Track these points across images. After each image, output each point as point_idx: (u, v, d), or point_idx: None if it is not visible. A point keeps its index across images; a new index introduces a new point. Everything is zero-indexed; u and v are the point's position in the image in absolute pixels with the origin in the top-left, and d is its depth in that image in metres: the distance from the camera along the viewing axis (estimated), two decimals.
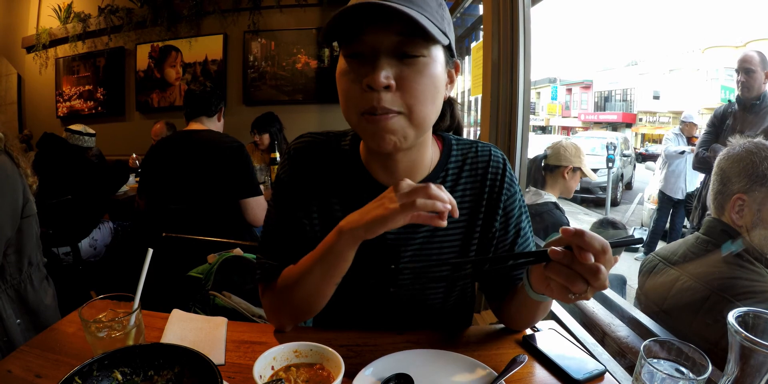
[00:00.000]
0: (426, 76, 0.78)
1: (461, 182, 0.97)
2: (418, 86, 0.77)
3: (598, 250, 0.65)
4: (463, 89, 3.01)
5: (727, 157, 1.18)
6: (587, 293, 0.68)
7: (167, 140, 2.39)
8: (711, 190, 1.20)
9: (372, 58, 0.76)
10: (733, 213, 1.14)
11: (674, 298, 1.19)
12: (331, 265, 0.84)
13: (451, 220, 0.96)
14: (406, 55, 0.76)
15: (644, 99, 25.50)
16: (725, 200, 1.16)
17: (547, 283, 0.73)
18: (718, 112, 2.69)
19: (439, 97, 0.82)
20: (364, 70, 0.76)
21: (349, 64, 0.79)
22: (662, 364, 0.64)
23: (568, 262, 0.67)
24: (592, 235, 0.66)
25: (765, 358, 0.52)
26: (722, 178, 1.18)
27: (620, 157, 8.73)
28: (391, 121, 0.78)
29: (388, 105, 0.76)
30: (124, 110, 5.21)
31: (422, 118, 0.80)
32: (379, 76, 0.74)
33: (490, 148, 1.00)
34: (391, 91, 0.76)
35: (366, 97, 0.76)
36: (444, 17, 0.82)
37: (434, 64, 0.79)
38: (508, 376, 0.81)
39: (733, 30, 51.32)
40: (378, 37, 0.75)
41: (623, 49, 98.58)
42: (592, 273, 0.65)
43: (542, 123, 33.48)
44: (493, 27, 1.84)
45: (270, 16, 4.74)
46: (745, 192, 1.11)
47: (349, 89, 0.79)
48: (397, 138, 0.80)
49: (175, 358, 0.66)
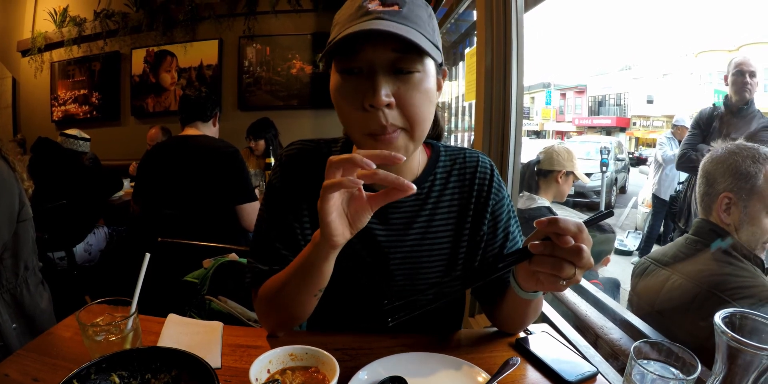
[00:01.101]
0: (421, 91, 0.79)
1: (449, 187, 0.99)
2: (416, 102, 0.78)
3: (574, 231, 0.67)
4: (457, 94, 3.03)
5: (711, 160, 1.21)
6: (576, 276, 0.69)
7: (162, 145, 2.39)
8: (697, 192, 1.23)
9: (369, 75, 0.77)
10: (720, 212, 1.16)
11: (665, 297, 1.21)
12: (307, 278, 0.82)
13: (440, 224, 0.97)
14: (402, 71, 0.77)
15: (638, 103, 25.62)
16: (712, 201, 1.19)
17: (535, 279, 0.74)
18: (703, 113, 2.71)
19: (433, 110, 0.84)
20: (362, 87, 0.77)
21: (344, 79, 0.79)
22: (652, 365, 0.65)
23: (550, 251, 0.68)
24: (565, 219, 0.67)
25: (752, 357, 0.53)
26: (708, 179, 1.21)
27: (614, 161, 8.76)
28: (398, 139, 0.79)
29: (393, 122, 0.77)
30: (119, 115, 5.21)
31: (421, 132, 0.82)
32: (380, 95, 0.74)
33: (478, 155, 1.03)
34: (391, 108, 0.77)
35: (370, 118, 0.77)
36: (434, 29, 0.83)
37: (428, 78, 0.80)
38: (500, 378, 0.82)
39: (726, 34, 51.73)
40: (374, 53, 0.76)
41: (617, 54, 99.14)
42: (575, 254, 0.67)
43: (536, 128, 33.56)
44: (487, 33, 1.85)
45: (265, 22, 4.76)
46: (731, 190, 1.14)
47: (349, 109, 0.79)
48: (402, 155, 0.81)
49: (172, 361, 0.66)
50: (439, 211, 0.98)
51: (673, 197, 3.35)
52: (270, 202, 0.98)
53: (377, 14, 0.75)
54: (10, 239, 1.36)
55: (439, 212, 0.98)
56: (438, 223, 0.98)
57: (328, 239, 0.73)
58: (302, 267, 0.82)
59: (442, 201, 0.98)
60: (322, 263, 0.79)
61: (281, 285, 0.87)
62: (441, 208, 0.98)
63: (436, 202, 0.98)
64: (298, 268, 0.83)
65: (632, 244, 4.87)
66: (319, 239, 0.75)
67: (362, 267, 0.96)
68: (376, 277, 0.97)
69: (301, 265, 0.82)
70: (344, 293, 0.98)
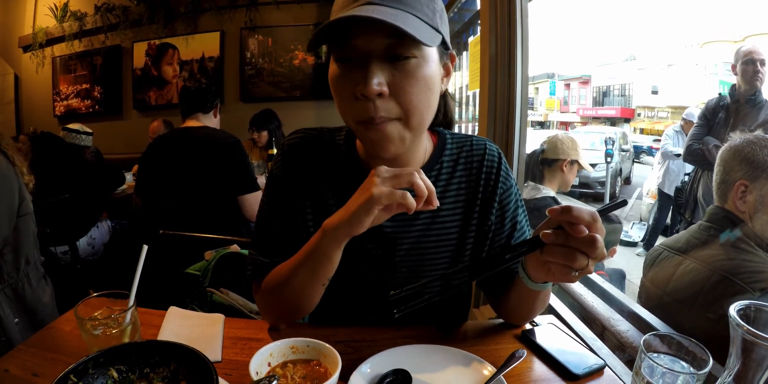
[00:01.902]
0: (418, 78, 0.76)
1: (456, 175, 0.97)
2: (412, 90, 0.76)
3: (588, 220, 0.65)
4: (461, 84, 3.00)
5: (729, 149, 1.22)
6: (589, 266, 0.67)
7: (164, 138, 2.39)
8: (714, 181, 1.24)
9: (363, 63, 0.74)
10: (736, 199, 1.17)
11: (678, 281, 1.22)
12: (317, 266, 0.81)
13: (447, 213, 0.95)
14: (398, 57, 0.74)
15: (642, 94, 25.51)
16: (728, 189, 1.20)
17: (546, 269, 0.73)
18: (710, 104, 2.69)
19: (433, 97, 0.81)
20: (355, 75, 0.75)
21: (340, 68, 0.78)
22: (662, 358, 0.63)
23: (563, 240, 0.67)
24: (578, 208, 0.66)
25: (767, 351, 0.51)
26: (725, 168, 1.22)
27: (619, 151, 8.72)
28: (389, 128, 0.77)
29: (384, 113, 0.75)
30: (122, 109, 5.20)
31: (418, 121, 0.79)
32: (371, 84, 0.72)
33: (485, 142, 1.00)
34: (384, 97, 0.75)
35: (361, 107, 0.75)
36: (435, 10, 0.79)
37: (427, 64, 0.77)
38: (506, 371, 0.80)
39: (732, 25, 51.30)
40: (367, 41, 0.73)
41: (622, 44, 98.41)
42: (590, 244, 0.65)
43: (541, 118, 33.48)
44: (491, 22, 1.82)
45: (267, 13, 4.73)
46: (747, 178, 1.16)
47: (342, 97, 0.78)
48: (395, 144, 0.79)
49: (171, 355, 0.65)
50: (446, 201, 0.95)
51: (678, 189, 3.31)
52: (272, 192, 0.97)
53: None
54: (10, 234, 1.35)
55: (446, 201, 0.95)
56: (445, 213, 0.95)
57: (352, 230, 0.74)
58: (311, 256, 0.82)
59: (449, 190, 0.96)
60: (334, 251, 0.79)
61: (288, 275, 0.86)
62: (448, 197, 0.96)
63: (443, 191, 0.95)
64: (307, 257, 0.82)
65: (637, 235, 4.86)
66: (335, 228, 0.76)
67: (367, 258, 0.95)
68: (381, 270, 0.96)
69: (310, 254, 0.82)
70: (348, 286, 0.97)
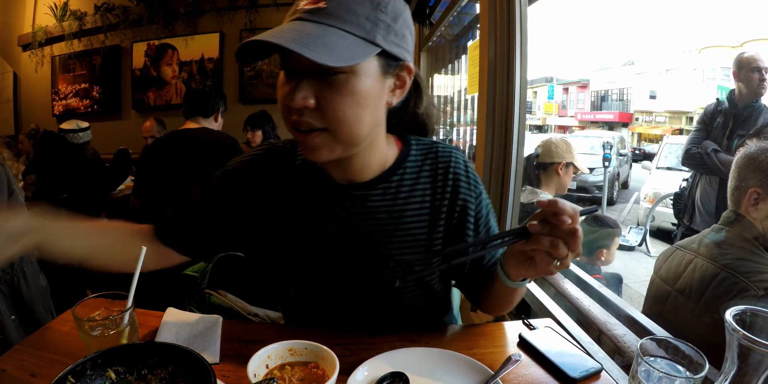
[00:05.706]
0: (346, 94, 0.75)
1: (421, 181, 0.96)
2: (338, 105, 0.76)
3: (571, 212, 0.70)
4: (460, 88, 3.01)
5: (744, 156, 1.26)
6: (567, 260, 0.73)
7: (162, 140, 2.39)
8: (729, 187, 1.28)
9: (294, 75, 0.76)
10: (749, 206, 1.21)
11: (687, 277, 1.27)
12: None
13: (414, 219, 0.95)
14: (327, 72, 0.74)
15: (641, 98, 25.60)
16: (741, 195, 1.24)
17: (527, 264, 0.77)
18: (708, 110, 2.70)
19: (365, 112, 0.79)
20: (288, 86, 0.77)
21: (282, 76, 0.79)
22: (659, 362, 0.63)
23: (548, 231, 0.71)
24: (563, 201, 0.71)
25: (763, 357, 0.51)
26: (739, 174, 1.25)
27: (616, 156, 8.74)
28: (316, 138, 0.78)
29: (309, 121, 0.77)
30: (120, 108, 5.21)
31: (347, 134, 0.79)
32: (296, 98, 0.74)
33: (451, 150, 1.00)
34: (312, 109, 0.76)
35: (291, 114, 0.78)
36: (379, 20, 0.75)
37: (358, 79, 0.76)
38: (503, 374, 0.81)
39: (730, 30, 51.47)
40: (298, 56, 0.70)
41: (620, 49, 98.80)
42: (571, 234, 0.70)
43: (539, 122, 33.53)
44: (490, 26, 1.83)
45: (266, 15, 4.74)
46: (760, 186, 1.19)
47: (281, 103, 0.80)
48: (323, 153, 0.80)
49: (168, 356, 0.65)
50: (410, 207, 0.95)
51: (677, 194, 3.31)
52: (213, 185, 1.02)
53: (300, 14, 0.74)
54: None
55: (410, 207, 0.95)
56: (410, 218, 0.95)
57: None
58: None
59: (414, 196, 0.95)
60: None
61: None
62: (413, 203, 0.95)
63: (407, 196, 0.95)
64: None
65: (634, 240, 4.85)
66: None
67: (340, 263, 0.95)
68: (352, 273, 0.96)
69: None
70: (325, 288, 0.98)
